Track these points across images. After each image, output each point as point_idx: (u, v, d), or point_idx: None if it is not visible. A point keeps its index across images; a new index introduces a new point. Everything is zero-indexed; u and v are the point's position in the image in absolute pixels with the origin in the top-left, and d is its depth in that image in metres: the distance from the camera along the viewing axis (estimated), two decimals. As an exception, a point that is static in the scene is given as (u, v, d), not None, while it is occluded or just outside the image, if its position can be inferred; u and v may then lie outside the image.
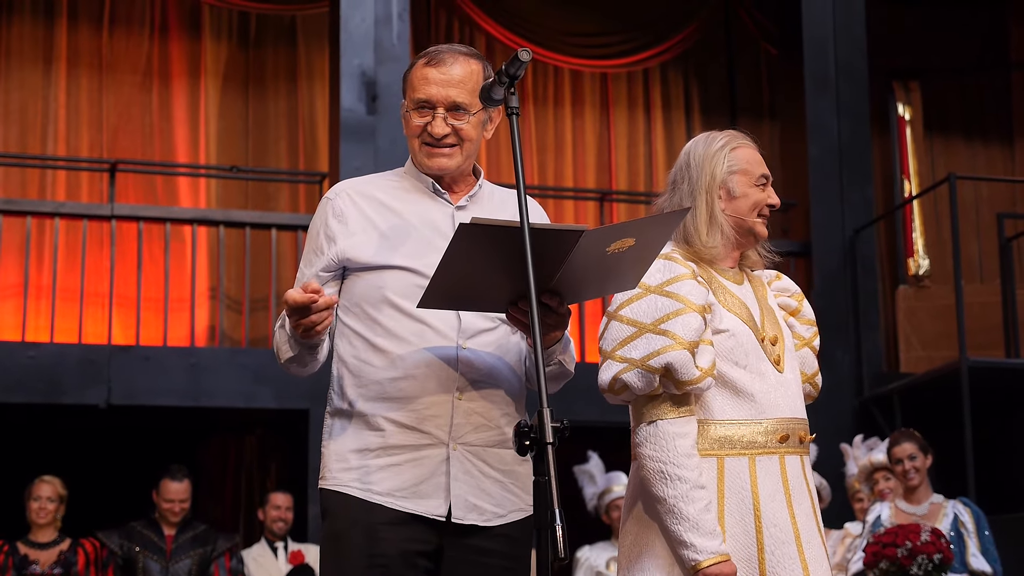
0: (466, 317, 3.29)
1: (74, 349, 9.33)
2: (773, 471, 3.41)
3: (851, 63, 10.96)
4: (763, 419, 3.41)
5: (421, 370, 3.26)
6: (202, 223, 10.26)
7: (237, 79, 11.37)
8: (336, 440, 3.33)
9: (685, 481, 3.33)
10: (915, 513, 6.84)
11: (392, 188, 3.43)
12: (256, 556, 8.50)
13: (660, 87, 12.35)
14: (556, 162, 11.98)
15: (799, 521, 3.40)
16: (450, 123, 3.34)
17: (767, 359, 3.46)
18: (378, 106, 10.04)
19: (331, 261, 3.34)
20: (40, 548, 7.87)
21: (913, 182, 12.13)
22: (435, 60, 3.35)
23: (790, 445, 3.44)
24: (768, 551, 3.38)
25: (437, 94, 3.33)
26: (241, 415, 10.17)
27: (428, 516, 3.23)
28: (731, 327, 3.44)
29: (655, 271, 3.39)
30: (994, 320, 10.34)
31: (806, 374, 3.61)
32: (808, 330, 3.65)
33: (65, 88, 10.93)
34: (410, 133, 3.39)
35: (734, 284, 3.55)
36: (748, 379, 3.42)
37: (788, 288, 3.68)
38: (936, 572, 6.42)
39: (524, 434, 2.70)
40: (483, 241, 2.91)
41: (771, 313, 3.56)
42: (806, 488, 3.46)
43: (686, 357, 3.33)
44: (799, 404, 3.49)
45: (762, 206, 3.55)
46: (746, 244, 3.58)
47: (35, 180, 10.79)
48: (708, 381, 3.37)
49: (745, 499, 3.39)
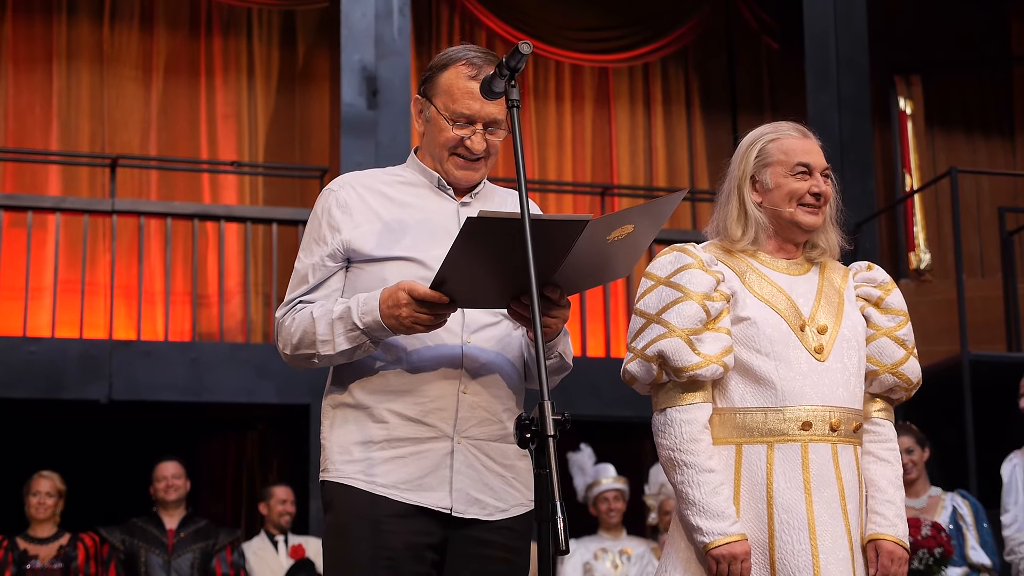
0: (470, 312, 3.27)
1: (75, 344, 9.33)
2: (793, 459, 3.41)
3: (852, 57, 10.95)
4: (784, 407, 3.42)
5: (426, 363, 3.25)
6: (203, 218, 10.25)
7: (238, 74, 11.36)
8: (339, 432, 3.30)
9: (691, 466, 3.39)
10: (914, 506, 6.84)
11: (395, 182, 3.41)
12: (256, 550, 8.50)
13: (661, 82, 12.34)
14: (557, 157, 11.97)
15: (816, 510, 3.38)
16: (485, 139, 3.33)
17: (803, 347, 3.46)
18: (379, 101, 10.04)
19: (336, 250, 3.30)
20: (40, 543, 7.87)
21: (914, 176, 12.12)
22: (480, 72, 3.28)
23: (817, 433, 3.42)
24: (778, 537, 3.39)
25: (481, 110, 3.29)
26: (242, 410, 10.17)
27: (433, 508, 3.22)
28: (754, 315, 3.47)
29: (666, 263, 3.48)
30: (995, 314, 10.33)
31: (885, 364, 3.57)
32: (891, 320, 3.61)
33: (66, 83, 10.93)
34: (442, 142, 3.33)
35: (785, 274, 3.57)
36: (771, 367, 3.44)
37: (875, 279, 3.67)
38: (937, 566, 6.42)
39: (525, 427, 2.70)
40: (490, 235, 2.90)
41: (833, 302, 3.56)
42: (836, 478, 3.42)
43: (678, 344, 3.39)
44: (842, 393, 3.46)
45: (802, 195, 3.55)
46: (794, 234, 3.59)
47: (35, 175, 10.78)
48: (713, 368, 3.40)
49: (759, 485, 3.41)
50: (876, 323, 3.61)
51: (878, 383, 3.59)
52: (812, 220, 3.56)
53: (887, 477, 3.56)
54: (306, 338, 3.25)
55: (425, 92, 3.38)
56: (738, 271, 3.53)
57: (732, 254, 3.57)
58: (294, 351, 3.28)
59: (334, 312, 3.21)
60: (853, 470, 3.47)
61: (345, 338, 3.19)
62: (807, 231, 3.58)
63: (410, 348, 3.26)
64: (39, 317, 9.98)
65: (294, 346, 3.28)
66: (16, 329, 9.67)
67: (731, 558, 3.37)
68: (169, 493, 8.06)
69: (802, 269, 3.61)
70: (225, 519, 10.61)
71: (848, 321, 3.55)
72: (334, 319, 3.21)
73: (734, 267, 3.54)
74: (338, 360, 3.26)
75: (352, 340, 3.19)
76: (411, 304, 3.09)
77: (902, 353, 3.59)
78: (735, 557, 3.36)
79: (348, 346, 3.20)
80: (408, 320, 3.10)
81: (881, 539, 3.49)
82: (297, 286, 3.34)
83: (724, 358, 3.42)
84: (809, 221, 3.56)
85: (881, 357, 3.58)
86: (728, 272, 3.52)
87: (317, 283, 3.32)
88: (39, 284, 10.10)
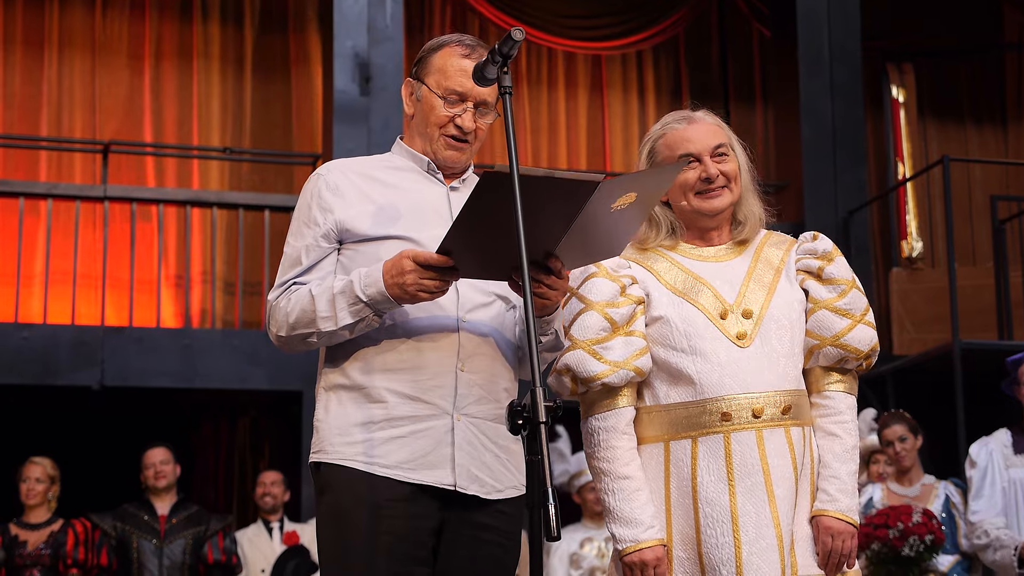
0: (464, 291, 3.27)
1: (67, 330, 9.32)
2: (716, 451, 3.38)
3: (845, 45, 10.96)
4: (704, 399, 3.40)
5: (424, 342, 3.24)
6: (196, 205, 10.24)
7: (230, 60, 11.34)
8: (335, 414, 3.26)
9: (607, 474, 3.43)
10: (907, 495, 6.86)
11: (384, 167, 3.41)
12: (251, 537, 8.51)
13: (653, 69, 12.34)
14: (550, 144, 11.97)
15: (739, 500, 3.35)
16: (474, 119, 3.34)
17: (723, 336, 3.43)
18: (371, 87, 10.03)
19: (329, 231, 3.29)
20: (31, 529, 7.87)
21: (907, 164, 12.13)
22: (474, 53, 3.32)
23: (738, 422, 3.38)
24: (703, 532, 3.37)
25: (473, 89, 3.30)
26: (234, 397, 10.17)
27: (437, 486, 3.20)
28: (666, 313, 3.45)
29: (577, 273, 3.47)
30: (987, 302, 10.35)
31: (825, 337, 3.49)
32: (832, 290, 3.53)
33: (58, 69, 10.90)
34: (434, 121, 3.34)
35: (712, 262, 3.55)
36: (687, 362, 3.42)
37: (816, 249, 3.59)
38: (928, 553, 6.44)
39: (517, 413, 2.70)
40: (500, 196, 2.85)
41: (765, 282, 3.52)
42: (761, 465, 3.37)
43: (580, 356, 3.42)
44: (768, 376, 3.41)
45: (693, 184, 3.52)
46: (704, 221, 3.56)
47: (27, 161, 10.76)
48: (623, 373, 3.41)
49: (685, 481, 3.40)
50: (815, 296, 3.53)
51: (823, 356, 3.51)
52: (712, 204, 3.52)
53: (833, 451, 3.48)
54: (304, 317, 3.22)
55: (417, 73, 3.39)
56: (654, 270, 3.52)
57: (647, 252, 3.56)
58: (290, 331, 3.25)
59: (335, 288, 3.19)
60: (784, 453, 3.40)
61: (348, 312, 3.16)
62: (713, 215, 3.54)
63: (407, 327, 3.24)
64: (31, 303, 9.97)
65: (291, 326, 3.24)
66: (8, 315, 9.66)
67: (642, 565, 3.36)
68: (158, 480, 8.06)
69: (733, 253, 3.58)
70: (217, 505, 10.61)
71: (779, 300, 3.50)
72: (335, 294, 3.18)
73: (650, 266, 3.53)
74: (338, 337, 3.22)
75: (355, 314, 3.16)
76: (416, 270, 3.07)
77: (845, 323, 3.49)
78: (646, 564, 3.35)
79: (351, 320, 3.16)
80: (413, 287, 3.08)
81: (821, 515, 3.44)
82: (290, 268, 3.32)
83: (635, 361, 3.41)
84: (708, 207, 3.53)
85: (820, 330, 3.50)
86: (642, 273, 3.51)
87: (311, 264, 3.30)
88: (31, 270, 10.09)
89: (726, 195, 3.54)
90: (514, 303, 3.35)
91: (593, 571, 8.12)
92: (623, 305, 3.45)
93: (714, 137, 3.56)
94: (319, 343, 3.26)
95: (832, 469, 3.47)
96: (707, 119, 3.61)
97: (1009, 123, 12.76)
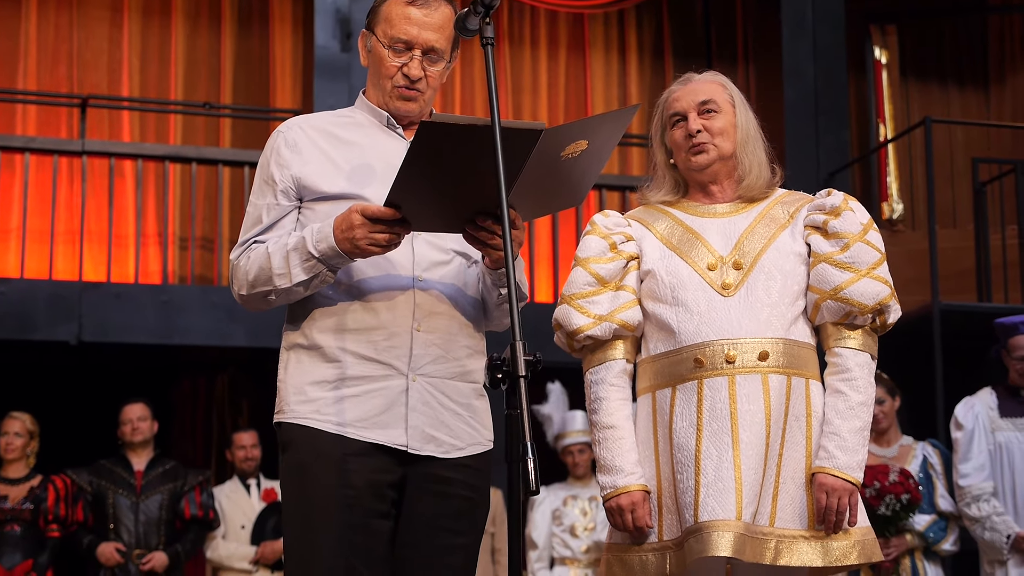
0: (420, 250, 3.26)
1: (44, 285, 9.27)
2: (690, 397, 3.45)
3: (828, 6, 10.93)
4: (681, 347, 3.49)
5: (379, 302, 3.23)
6: (174, 160, 10.17)
7: (210, 15, 11.26)
8: (293, 373, 3.28)
9: (596, 425, 3.57)
10: (884, 455, 6.87)
11: (344, 123, 3.40)
12: (229, 493, 8.51)
13: (636, 29, 12.28)
14: (531, 103, 11.92)
15: (704, 445, 3.40)
16: (423, 67, 3.32)
17: (707, 287, 3.51)
18: (352, 43, 9.98)
19: (288, 187, 3.29)
20: (11, 484, 7.86)
21: (888, 126, 12.11)
22: (418, 1, 3.31)
23: (711, 368, 3.44)
24: (677, 475, 3.44)
25: (418, 36, 3.29)
26: (213, 353, 10.14)
27: (390, 445, 3.21)
28: (654, 267, 3.57)
29: None
30: (967, 264, 10.37)
31: (824, 291, 3.51)
32: (834, 244, 3.55)
33: (37, 23, 10.80)
34: (384, 72, 3.34)
35: (716, 218, 3.62)
36: (670, 313, 3.51)
37: (825, 204, 3.63)
38: (904, 512, 6.46)
39: (497, 367, 2.69)
40: (443, 146, 2.87)
41: (764, 235, 3.57)
42: (729, 410, 3.41)
43: (565, 310, 3.58)
44: (748, 324, 3.46)
45: (681, 143, 3.63)
46: (699, 176, 3.66)
47: (6, 116, 10.68)
48: (605, 326, 3.54)
49: (666, 427, 3.49)
50: (816, 249, 3.57)
51: (827, 310, 3.53)
52: (696, 160, 3.62)
53: (836, 408, 3.50)
54: (262, 274, 3.23)
55: (369, 24, 3.39)
56: (653, 227, 3.64)
57: (650, 210, 3.70)
58: (251, 289, 3.26)
59: (288, 244, 3.19)
60: (758, 399, 3.43)
61: (301, 268, 3.17)
62: (699, 170, 3.63)
63: (362, 286, 3.24)
64: (7, 258, 9.91)
65: (250, 284, 3.25)
66: (-15, 270, 9.61)
67: (618, 510, 3.47)
68: (135, 435, 8.05)
69: (739, 209, 3.65)
70: (195, 461, 10.61)
71: (774, 252, 3.55)
72: (289, 251, 3.18)
73: (650, 223, 3.65)
74: (295, 294, 3.23)
75: (308, 270, 3.16)
76: (365, 224, 3.07)
77: (846, 276, 3.51)
78: (622, 509, 3.46)
79: (305, 276, 3.17)
80: (364, 241, 3.08)
81: (816, 472, 3.46)
82: (251, 227, 3.32)
83: (620, 314, 3.54)
84: (693, 162, 3.63)
85: (820, 284, 3.53)
86: (640, 230, 3.64)
87: (271, 223, 3.30)
88: (7, 225, 10.02)
89: (711, 150, 3.60)
90: (475, 259, 3.34)
91: (574, 528, 8.14)
92: (611, 261, 3.57)
93: (702, 95, 3.62)
94: (278, 301, 3.26)
95: (834, 426, 3.49)
96: (705, 78, 3.68)
97: (991, 85, 12.76)
